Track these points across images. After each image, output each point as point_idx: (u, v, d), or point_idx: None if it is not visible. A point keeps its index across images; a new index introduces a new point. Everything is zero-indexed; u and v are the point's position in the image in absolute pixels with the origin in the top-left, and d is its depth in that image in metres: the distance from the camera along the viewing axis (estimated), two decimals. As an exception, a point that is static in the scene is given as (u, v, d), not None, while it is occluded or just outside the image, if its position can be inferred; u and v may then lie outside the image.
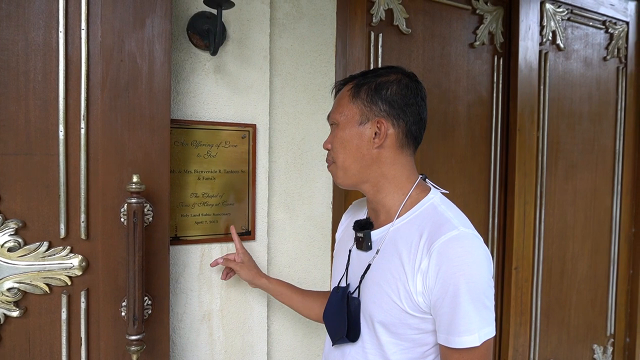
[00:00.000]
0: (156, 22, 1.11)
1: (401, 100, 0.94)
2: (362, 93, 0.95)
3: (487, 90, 2.01)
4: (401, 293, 0.88)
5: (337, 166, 0.99)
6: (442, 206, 0.92)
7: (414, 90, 0.96)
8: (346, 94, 0.98)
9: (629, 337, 2.59)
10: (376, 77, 0.96)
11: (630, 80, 2.44)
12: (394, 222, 0.94)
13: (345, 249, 1.08)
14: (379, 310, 0.91)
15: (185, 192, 1.31)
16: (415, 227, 0.90)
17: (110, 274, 1.11)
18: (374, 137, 0.94)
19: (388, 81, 0.94)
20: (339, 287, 1.02)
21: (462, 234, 0.85)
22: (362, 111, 0.94)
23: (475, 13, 1.95)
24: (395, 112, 0.93)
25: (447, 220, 0.88)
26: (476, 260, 0.83)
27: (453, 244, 0.83)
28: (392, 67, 0.99)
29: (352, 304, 0.96)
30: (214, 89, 1.33)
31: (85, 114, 1.07)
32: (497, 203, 2.08)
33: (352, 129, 0.95)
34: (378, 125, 0.93)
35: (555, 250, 2.25)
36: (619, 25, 2.37)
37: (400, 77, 0.96)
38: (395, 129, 0.94)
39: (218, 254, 1.36)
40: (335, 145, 0.98)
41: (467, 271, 0.81)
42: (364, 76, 0.98)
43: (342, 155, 0.97)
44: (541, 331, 2.23)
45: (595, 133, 2.35)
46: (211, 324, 1.36)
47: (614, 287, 2.51)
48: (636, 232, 2.54)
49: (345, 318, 0.96)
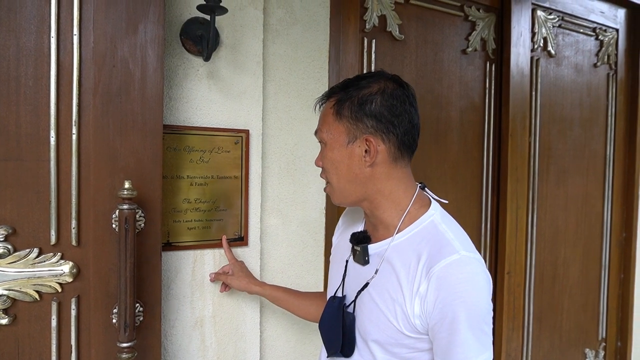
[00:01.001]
0: (149, 27, 1.11)
1: (388, 113, 0.88)
2: (345, 110, 0.89)
3: (479, 96, 2.03)
4: (398, 314, 0.86)
5: (333, 188, 0.95)
6: (443, 225, 0.89)
7: (401, 97, 0.89)
8: (329, 112, 0.92)
9: (621, 341, 2.61)
10: (358, 89, 0.89)
11: (620, 87, 2.47)
12: (394, 238, 0.91)
13: (342, 258, 1.05)
14: (375, 328, 0.89)
15: (178, 198, 1.30)
16: (414, 246, 0.88)
17: (101, 281, 1.10)
18: (364, 156, 0.89)
19: (371, 93, 0.88)
20: (335, 297, 1.01)
21: (462, 258, 0.82)
22: (348, 130, 0.89)
23: (467, 20, 1.96)
24: (384, 126, 0.88)
25: (448, 242, 0.85)
26: (476, 286, 0.81)
27: (453, 270, 0.81)
28: (375, 74, 0.92)
29: (347, 319, 0.94)
30: (207, 94, 1.33)
31: (76, 119, 1.06)
32: (490, 208, 2.09)
33: (341, 149, 0.91)
34: (367, 143, 0.88)
35: (547, 255, 2.27)
36: (609, 33, 2.40)
37: (384, 87, 0.89)
38: (385, 144, 0.89)
39: (210, 260, 1.35)
40: (326, 165, 0.95)
41: (466, 298, 0.80)
42: (345, 90, 0.91)
43: (335, 176, 0.93)
44: (533, 336, 2.24)
45: (586, 139, 2.37)
46: (203, 330, 1.35)
47: (606, 291, 2.52)
48: (627, 237, 2.56)
49: (340, 332, 0.94)
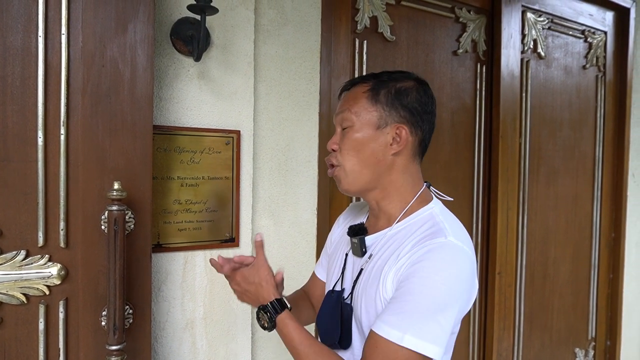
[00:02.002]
0: (139, 27, 1.10)
1: (420, 108, 0.91)
2: (382, 96, 0.91)
3: (470, 97, 2.04)
4: (381, 295, 0.86)
5: (345, 170, 0.93)
6: (441, 216, 0.90)
7: (431, 98, 0.94)
8: (362, 95, 0.93)
9: (610, 340, 2.63)
10: (394, 81, 0.92)
11: (608, 88, 2.49)
12: (392, 227, 0.92)
13: (341, 253, 1.05)
14: (367, 315, 0.89)
15: (168, 199, 1.29)
16: (410, 234, 0.89)
17: (90, 283, 1.09)
18: (392, 143, 0.90)
19: (408, 87, 0.92)
20: (334, 291, 1.00)
21: (448, 243, 0.82)
22: (381, 114, 0.90)
23: (458, 21, 1.97)
24: (415, 120, 0.91)
25: (440, 229, 0.85)
26: (452, 270, 0.79)
27: (434, 249, 0.81)
28: (405, 72, 0.96)
29: (344, 311, 0.94)
30: (198, 95, 1.32)
31: (65, 119, 1.05)
32: (481, 209, 2.11)
33: (369, 132, 0.91)
34: (397, 132, 0.90)
35: (538, 255, 2.28)
36: (597, 35, 2.42)
37: (418, 85, 0.93)
38: (413, 136, 0.91)
39: (202, 261, 1.34)
40: (345, 147, 0.93)
41: (439, 275, 0.78)
42: (378, 78, 0.94)
43: (353, 159, 0.92)
44: (524, 335, 2.25)
45: (576, 140, 2.39)
46: (194, 332, 1.34)
47: (595, 291, 2.55)
48: (615, 237, 2.59)
49: (338, 324, 0.93)
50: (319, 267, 1.20)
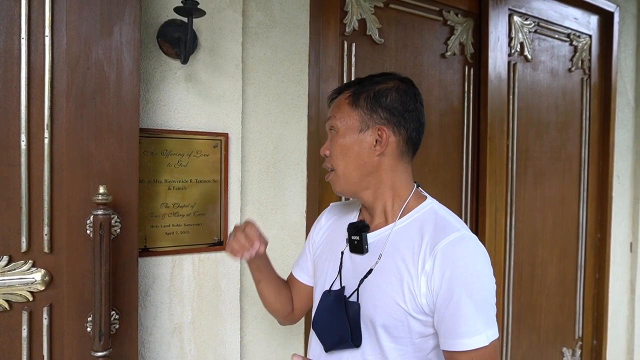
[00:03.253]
0: (124, 29, 1.09)
1: (401, 107, 0.94)
2: (362, 101, 0.94)
3: (458, 99, 2.05)
4: (406, 295, 0.88)
5: (337, 174, 0.98)
6: (442, 211, 0.95)
7: (413, 95, 0.96)
8: (345, 102, 0.97)
9: (596, 340, 2.66)
10: (374, 84, 0.96)
11: (594, 91, 2.53)
12: (396, 223, 0.94)
13: (335, 252, 1.04)
14: (381, 313, 0.90)
15: (155, 203, 1.28)
16: (416, 229, 0.91)
17: (75, 289, 1.07)
18: (375, 145, 0.93)
19: (387, 88, 0.95)
20: (330, 291, 0.99)
21: (465, 235, 0.87)
22: (362, 118, 0.94)
23: (446, 24, 1.98)
24: (396, 120, 0.94)
25: (448, 223, 0.90)
26: (481, 260, 0.86)
27: (457, 246, 0.85)
28: (388, 74, 0.99)
29: (350, 309, 0.94)
30: (185, 97, 1.31)
31: (49, 123, 1.03)
32: (469, 210, 2.12)
33: (352, 136, 0.95)
34: (379, 133, 0.93)
35: (526, 256, 2.30)
36: (582, 38, 2.46)
37: (398, 84, 0.96)
38: (396, 136, 0.94)
39: (189, 265, 1.33)
40: (334, 152, 0.97)
41: (473, 272, 0.84)
42: (360, 84, 0.97)
43: (342, 162, 0.96)
44: (513, 335, 2.27)
45: (562, 141, 2.42)
46: (182, 337, 1.33)
47: (582, 291, 2.58)
48: (601, 238, 2.62)
49: (346, 323, 0.93)
50: (297, 270, 1.18)
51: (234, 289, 1.40)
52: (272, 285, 1.15)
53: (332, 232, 1.10)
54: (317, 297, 1.05)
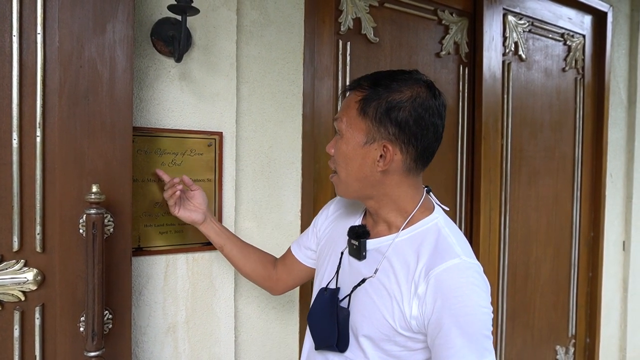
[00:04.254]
0: (117, 27, 1.08)
1: (414, 124, 0.85)
2: (371, 110, 0.86)
3: (453, 98, 2.06)
4: (395, 312, 0.86)
5: (339, 179, 0.95)
6: (446, 229, 0.89)
7: (431, 109, 0.87)
8: (354, 106, 0.89)
9: (589, 338, 2.68)
10: (389, 92, 0.86)
11: (587, 91, 2.54)
12: (398, 234, 0.91)
13: (336, 250, 1.04)
14: (367, 324, 0.89)
15: (149, 202, 1.27)
16: (415, 247, 0.88)
17: (67, 288, 1.06)
18: (379, 160, 0.88)
19: (401, 100, 0.85)
20: (327, 289, 0.99)
21: (463, 263, 0.83)
22: (368, 129, 0.87)
23: (441, 23, 1.99)
24: (406, 137, 0.86)
25: (449, 246, 0.85)
26: (476, 292, 0.81)
27: (453, 274, 0.82)
28: (409, 76, 0.88)
29: (341, 314, 0.93)
30: (179, 96, 1.30)
31: (41, 121, 1.02)
32: (464, 209, 2.12)
33: (356, 147, 0.89)
34: (384, 149, 0.87)
35: (520, 255, 2.31)
36: (576, 38, 2.47)
37: (417, 94, 0.86)
38: (402, 154, 0.88)
39: (183, 265, 1.33)
40: (338, 156, 0.93)
41: (466, 304, 0.80)
42: (375, 87, 0.87)
43: (344, 170, 0.92)
44: (507, 334, 2.28)
45: (556, 141, 2.43)
46: (176, 336, 1.32)
47: (575, 289, 2.59)
48: (594, 236, 2.64)
49: (335, 326, 0.92)
50: (296, 246, 1.22)
51: (229, 288, 1.40)
52: (236, 248, 1.22)
53: (336, 227, 1.09)
54: (315, 290, 1.06)
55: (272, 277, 1.25)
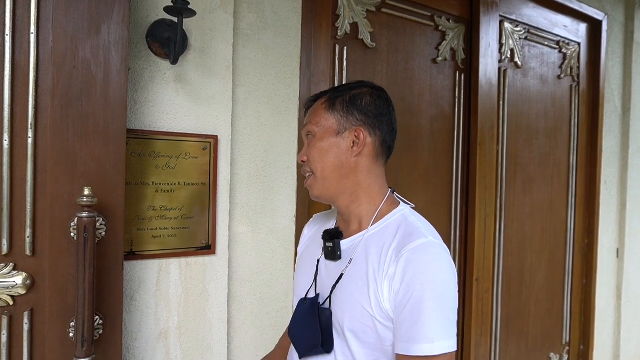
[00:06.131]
0: (113, 28, 1.07)
1: (375, 111, 0.97)
2: (338, 104, 0.97)
3: (449, 104, 2.05)
4: (372, 300, 0.88)
5: (316, 177, 0.98)
6: (413, 217, 0.95)
7: (385, 101, 1.00)
8: (321, 107, 1.00)
9: (583, 345, 2.68)
10: (349, 89, 0.99)
11: (582, 98, 2.55)
12: (368, 230, 0.95)
13: (311, 260, 1.06)
14: (349, 318, 0.90)
15: (143, 205, 1.25)
16: (386, 236, 0.92)
17: (57, 293, 1.04)
18: (352, 146, 0.96)
19: (361, 93, 0.98)
20: (306, 299, 1.00)
21: (430, 242, 0.87)
22: (339, 121, 0.97)
23: (437, 29, 1.99)
24: (371, 122, 0.97)
25: (416, 229, 0.90)
26: (443, 269, 0.85)
27: (421, 251, 0.85)
28: (361, 82, 1.02)
29: (323, 315, 0.94)
30: (175, 98, 1.29)
31: (33, 122, 1.01)
32: (459, 215, 2.12)
33: (330, 138, 0.97)
34: (356, 134, 0.95)
35: (515, 262, 2.31)
36: (571, 46, 2.48)
37: (372, 90, 0.99)
38: (372, 137, 0.97)
39: (176, 269, 1.31)
40: (313, 155, 0.98)
41: (433, 278, 0.83)
42: (335, 90, 1.00)
43: (320, 164, 0.97)
44: (501, 341, 2.27)
45: (551, 148, 2.44)
46: (168, 342, 1.30)
47: (569, 296, 2.59)
48: (589, 243, 2.64)
49: (318, 329, 0.94)
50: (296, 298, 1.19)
51: (222, 294, 1.38)
52: None
53: (313, 242, 1.12)
54: (295, 303, 1.06)
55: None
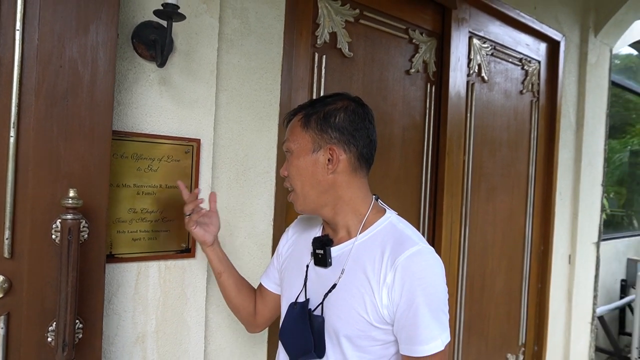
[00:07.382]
0: (101, 28, 1.06)
1: (350, 127, 0.99)
2: (312, 122, 0.99)
3: (420, 115, 2.13)
4: (368, 306, 0.92)
5: (296, 194, 1.02)
6: (401, 224, 1.00)
7: (361, 114, 1.01)
8: (297, 124, 1.02)
9: (537, 346, 2.83)
10: (324, 105, 1.00)
11: (541, 113, 2.71)
12: (357, 238, 0.99)
13: (300, 265, 1.08)
14: (345, 324, 0.94)
15: (123, 207, 1.24)
16: (377, 243, 0.96)
17: (35, 296, 1.02)
18: (328, 164, 0.99)
19: (336, 109, 0.99)
20: (296, 303, 1.02)
21: (422, 249, 0.94)
22: (314, 139, 0.99)
23: (411, 42, 2.07)
24: (346, 138, 0.99)
25: (407, 237, 0.96)
26: (436, 272, 0.93)
27: (416, 259, 0.91)
28: (339, 94, 1.04)
29: (315, 322, 0.98)
30: (158, 101, 1.28)
31: (15, 121, 0.98)
32: (427, 222, 2.20)
33: (307, 157, 1.00)
34: (330, 152, 0.98)
35: (477, 267, 2.42)
36: (532, 63, 2.63)
37: (347, 104, 1.01)
38: (347, 154, 0.99)
39: (155, 273, 1.30)
40: (292, 173, 1.02)
41: (429, 283, 0.91)
42: (312, 106, 1.02)
43: (299, 182, 1.01)
44: (463, 343, 2.37)
45: (512, 159, 2.57)
46: (145, 346, 1.29)
47: (526, 300, 2.74)
48: (544, 250, 2.80)
49: (310, 335, 0.97)
50: (265, 278, 1.26)
51: (200, 297, 1.38)
52: (232, 278, 1.24)
53: (298, 245, 1.15)
54: (284, 308, 1.10)
55: (254, 313, 1.27)
